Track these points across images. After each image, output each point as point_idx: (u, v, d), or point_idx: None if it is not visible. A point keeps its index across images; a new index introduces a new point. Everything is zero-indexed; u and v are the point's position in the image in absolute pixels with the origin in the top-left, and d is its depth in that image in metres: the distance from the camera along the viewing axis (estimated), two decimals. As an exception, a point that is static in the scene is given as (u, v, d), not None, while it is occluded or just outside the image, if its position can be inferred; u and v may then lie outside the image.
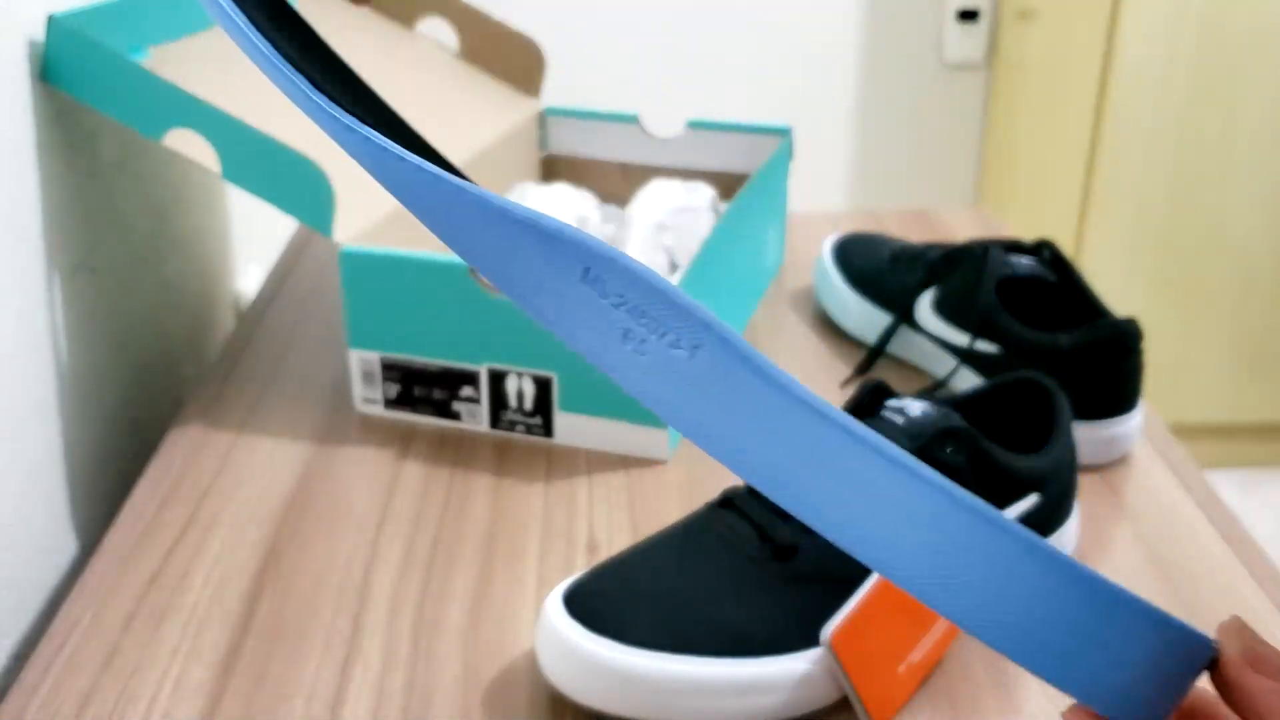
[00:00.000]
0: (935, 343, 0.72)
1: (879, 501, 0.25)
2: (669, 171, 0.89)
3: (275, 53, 0.27)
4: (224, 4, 0.27)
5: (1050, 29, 1.66)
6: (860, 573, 0.48)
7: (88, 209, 0.68)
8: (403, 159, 0.27)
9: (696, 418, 0.24)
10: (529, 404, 0.66)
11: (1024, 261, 0.70)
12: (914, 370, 0.75)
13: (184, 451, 0.66)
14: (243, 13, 0.28)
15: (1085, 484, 0.63)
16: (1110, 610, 0.26)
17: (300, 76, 0.27)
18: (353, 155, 0.28)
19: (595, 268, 0.25)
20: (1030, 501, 0.53)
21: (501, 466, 0.65)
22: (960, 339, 0.70)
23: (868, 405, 0.54)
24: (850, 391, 0.69)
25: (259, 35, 0.27)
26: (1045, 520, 0.54)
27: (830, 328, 0.81)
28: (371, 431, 0.68)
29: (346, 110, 0.28)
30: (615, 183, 0.91)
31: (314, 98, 0.27)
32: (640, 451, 0.65)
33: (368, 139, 0.27)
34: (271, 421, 0.69)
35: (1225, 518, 0.61)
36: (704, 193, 0.81)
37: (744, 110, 1.85)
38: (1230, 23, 1.47)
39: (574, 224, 0.78)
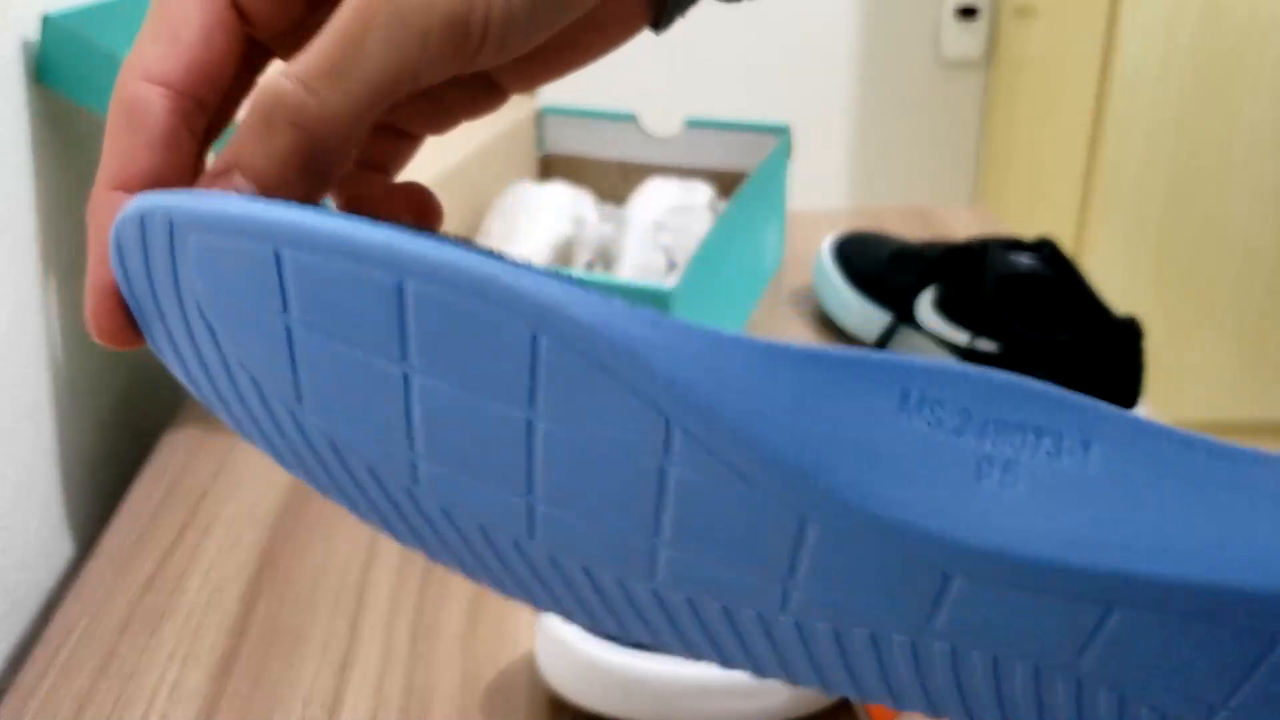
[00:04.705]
0: (935, 341, 0.72)
1: None
2: (667, 170, 0.89)
3: None
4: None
5: (1049, 25, 1.66)
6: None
7: (83, 210, 0.68)
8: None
9: (1119, 534, 0.18)
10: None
11: (1024, 259, 0.70)
12: (914, 369, 0.75)
13: (180, 454, 0.66)
14: None
15: (1086, 483, 0.63)
16: None
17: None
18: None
19: (918, 387, 0.19)
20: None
21: (500, 467, 0.65)
22: (960, 337, 0.70)
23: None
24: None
25: None
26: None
27: (830, 327, 0.81)
28: (369, 433, 0.68)
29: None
30: (613, 182, 0.91)
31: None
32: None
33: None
34: (269, 423, 0.69)
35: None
36: (702, 192, 0.81)
37: (742, 108, 1.85)
38: (1230, 18, 1.47)
39: (572, 224, 0.78)
